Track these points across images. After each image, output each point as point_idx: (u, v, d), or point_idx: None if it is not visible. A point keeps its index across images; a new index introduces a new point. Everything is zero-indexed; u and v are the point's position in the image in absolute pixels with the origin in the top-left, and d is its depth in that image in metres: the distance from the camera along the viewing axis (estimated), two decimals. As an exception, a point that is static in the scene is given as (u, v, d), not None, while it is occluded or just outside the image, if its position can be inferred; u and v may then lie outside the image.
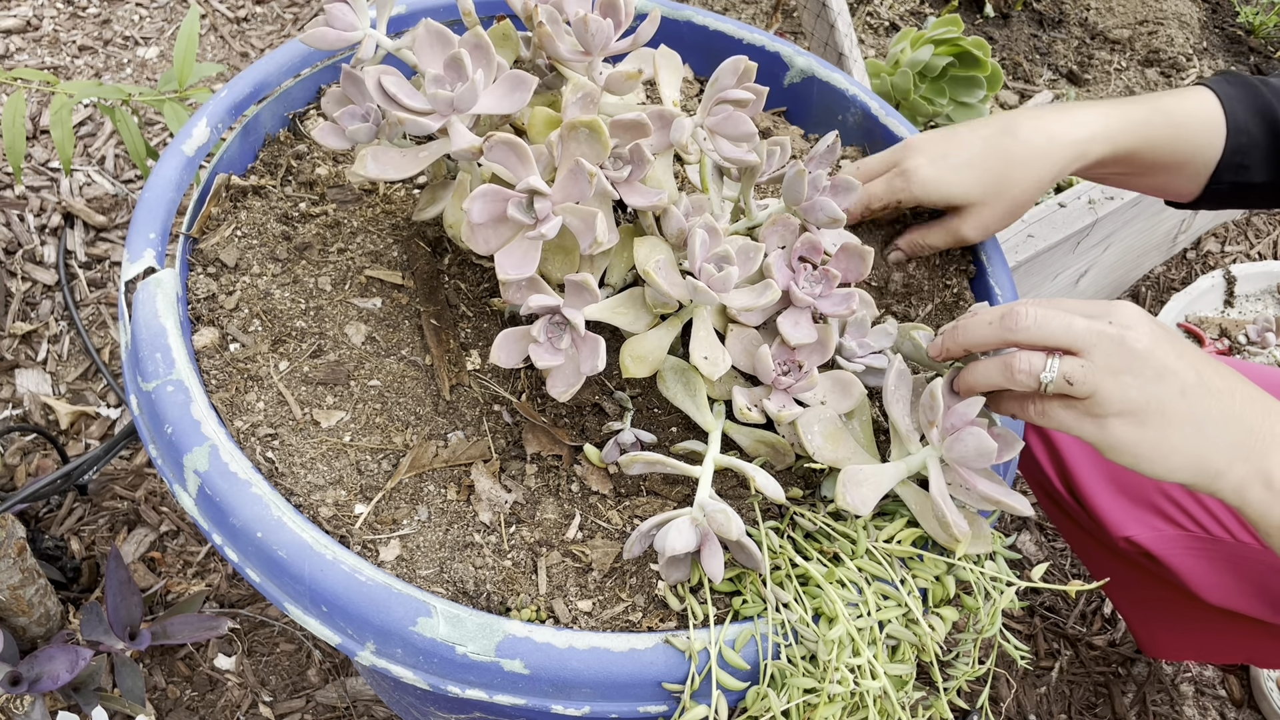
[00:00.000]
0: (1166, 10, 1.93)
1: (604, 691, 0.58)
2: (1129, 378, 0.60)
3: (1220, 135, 0.82)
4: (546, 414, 0.71)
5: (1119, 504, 0.94)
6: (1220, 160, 0.82)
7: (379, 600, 0.56)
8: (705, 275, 0.64)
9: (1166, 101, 0.83)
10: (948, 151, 0.79)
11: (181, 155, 0.74)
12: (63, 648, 0.99)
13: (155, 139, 1.65)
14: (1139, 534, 0.93)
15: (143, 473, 1.29)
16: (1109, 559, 1.02)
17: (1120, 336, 0.60)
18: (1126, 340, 0.60)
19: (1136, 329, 0.61)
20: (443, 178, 0.75)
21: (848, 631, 0.60)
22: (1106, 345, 0.60)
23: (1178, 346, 0.62)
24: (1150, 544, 0.92)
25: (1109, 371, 0.60)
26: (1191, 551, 0.92)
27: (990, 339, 0.63)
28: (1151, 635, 1.09)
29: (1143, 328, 0.61)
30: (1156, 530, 0.93)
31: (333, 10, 0.67)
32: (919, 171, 0.78)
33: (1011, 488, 0.67)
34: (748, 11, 1.85)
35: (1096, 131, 0.80)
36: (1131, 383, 0.60)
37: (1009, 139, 0.78)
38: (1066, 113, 0.81)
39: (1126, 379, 0.60)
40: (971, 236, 0.81)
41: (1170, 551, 0.92)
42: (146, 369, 0.62)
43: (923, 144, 0.80)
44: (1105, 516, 0.94)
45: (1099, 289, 1.71)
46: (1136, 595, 1.06)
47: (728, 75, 0.66)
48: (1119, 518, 0.94)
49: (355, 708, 1.16)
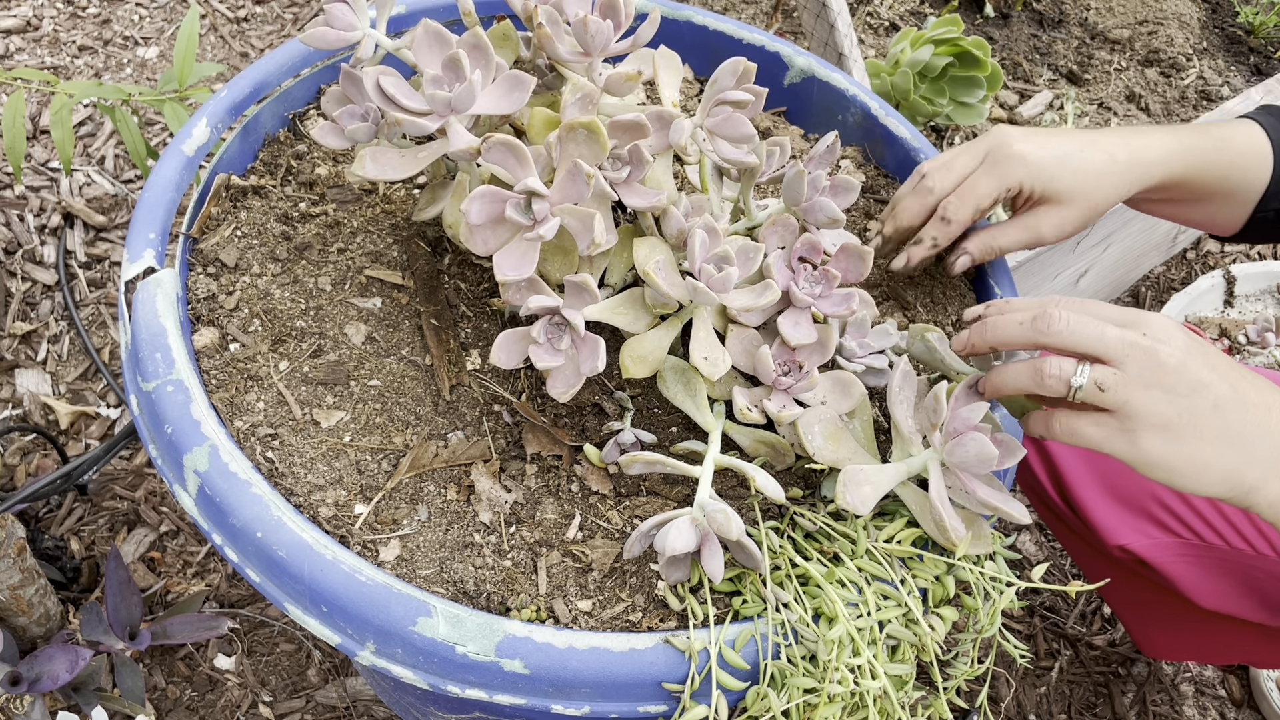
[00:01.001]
0: (1166, 10, 1.93)
1: (604, 691, 0.58)
2: (1160, 391, 0.59)
3: (1268, 164, 0.82)
4: (546, 414, 0.71)
5: (1113, 512, 0.94)
6: (1268, 188, 0.83)
7: (379, 600, 0.56)
8: (705, 276, 0.64)
9: (1218, 130, 0.83)
10: (1044, 143, 0.78)
11: (181, 155, 0.74)
12: (63, 648, 0.99)
13: (155, 139, 1.65)
14: (1133, 542, 0.93)
15: (143, 473, 1.29)
16: (1105, 565, 1.02)
17: (1153, 349, 0.59)
18: (1160, 354, 0.59)
19: (1170, 343, 0.60)
20: (442, 178, 0.75)
21: (848, 631, 0.60)
22: (1139, 357, 0.59)
23: (1211, 359, 0.61)
24: (1144, 552, 0.93)
25: (1141, 384, 0.59)
26: (1186, 558, 0.92)
27: (1020, 339, 0.63)
28: (1149, 638, 1.09)
29: (1176, 341, 0.60)
30: (1151, 538, 0.93)
31: (332, 10, 0.67)
32: (1029, 155, 0.76)
33: (1011, 492, 0.67)
34: (748, 11, 1.85)
35: (1165, 154, 0.80)
36: (1163, 396, 0.59)
37: (1095, 148, 0.79)
38: (1141, 134, 0.81)
39: (1158, 393, 0.59)
40: (1050, 236, 0.79)
41: (1165, 559, 0.92)
42: (146, 369, 0.63)
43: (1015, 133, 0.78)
44: (1099, 524, 0.94)
45: (1099, 289, 1.71)
46: (1133, 600, 1.06)
47: (727, 76, 0.66)
48: (1113, 525, 0.94)
49: (355, 708, 1.16)
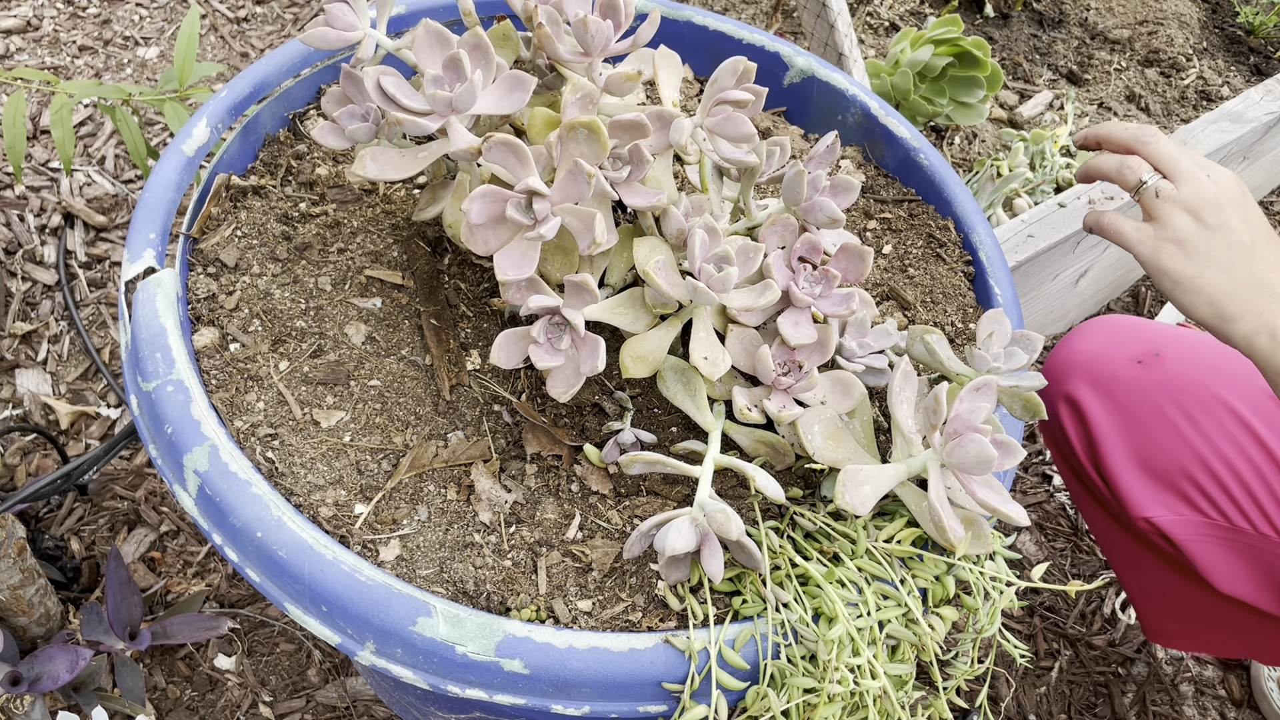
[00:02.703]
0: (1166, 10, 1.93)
1: (604, 691, 0.58)
2: (1193, 217, 0.77)
3: None
4: (546, 414, 0.71)
5: (1143, 484, 0.94)
6: None
7: (379, 600, 0.56)
8: (705, 275, 0.64)
9: None
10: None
11: (181, 155, 0.74)
12: (63, 648, 0.99)
13: (155, 139, 1.65)
14: (1159, 516, 0.93)
15: (143, 473, 1.29)
16: (1125, 540, 1.03)
17: (1206, 184, 0.77)
18: (1208, 190, 0.77)
19: (1221, 187, 0.77)
20: (442, 178, 0.75)
21: (847, 631, 0.60)
22: (1194, 186, 0.77)
23: (1247, 212, 0.77)
24: (1169, 527, 0.93)
25: (1184, 206, 0.77)
26: (1210, 539, 0.92)
27: (1123, 138, 0.82)
28: (1157, 621, 1.09)
29: (1227, 189, 0.77)
30: (1178, 514, 0.93)
31: (333, 10, 0.67)
32: None
33: (1011, 492, 0.67)
34: (748, 11, 1.85)
35: None
36: (1193, 222, 0.77)
37: None
38: None
39: (1191, 218, 0.77)
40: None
41: (1189, 536, 0.93)
42: (146, 369, 0.63)
43: None
44: (1128, 496, 0.94)
45: (1099, 289, 1.71)
46: (1147, 579, 1.06)
47: (727, 76, 0.66)
48: (1141, 498, 0.94)
49: (355, 708, 1.16)
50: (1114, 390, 0.98)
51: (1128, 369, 0.98)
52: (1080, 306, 1.72)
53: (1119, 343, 1.01)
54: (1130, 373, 0.98)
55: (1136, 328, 1.03)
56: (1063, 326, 1.73)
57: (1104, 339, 1.02)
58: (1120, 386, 0.98)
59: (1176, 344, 1.00)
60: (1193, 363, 0.98)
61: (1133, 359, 0.99)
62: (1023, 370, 0.71)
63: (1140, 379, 0.98)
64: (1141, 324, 1.04)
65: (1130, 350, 1.00)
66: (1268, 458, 0.91)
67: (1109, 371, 0.99)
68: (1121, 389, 0.98)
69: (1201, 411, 0.94)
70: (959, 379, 0.70)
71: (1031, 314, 1.57)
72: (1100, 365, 0.99)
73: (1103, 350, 1.00)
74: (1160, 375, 0.97)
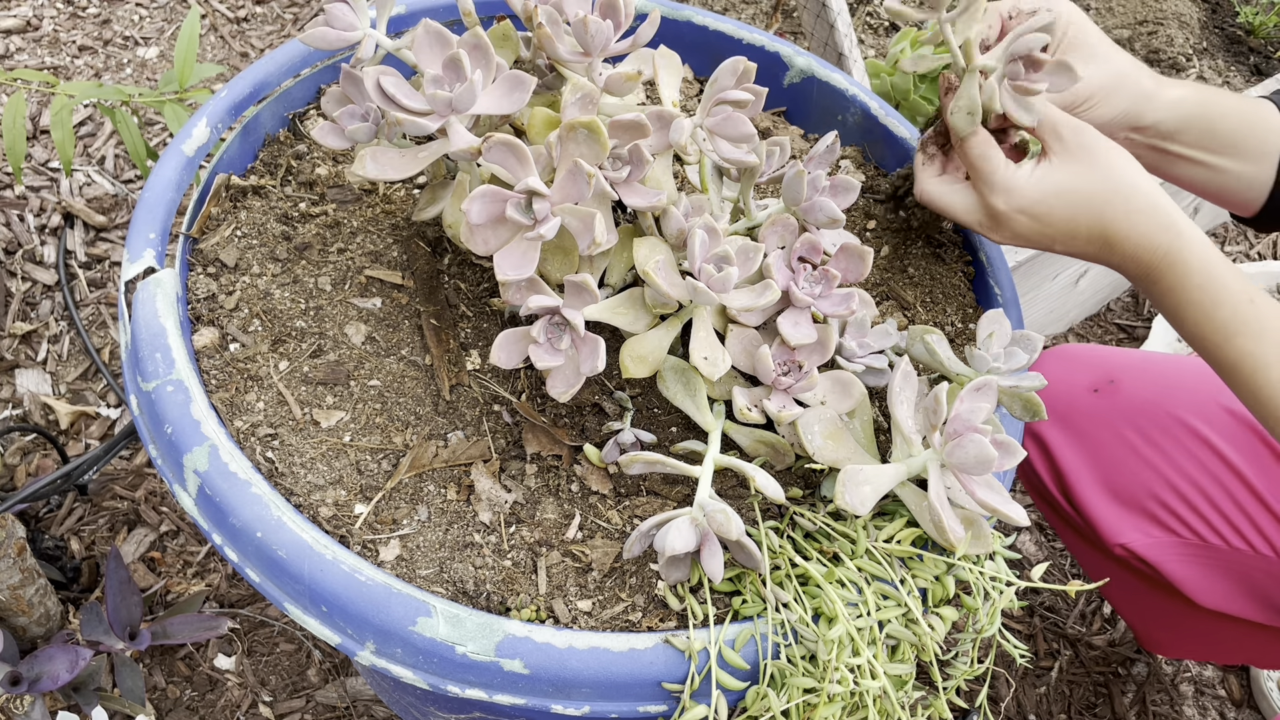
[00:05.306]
0: (1166, 10, 1.93)
1: (604, 691, 0.58)
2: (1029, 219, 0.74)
3: None
4: (546, 414, 0.71)
5: (1114, 511, 0.94)
6: None
7: (379, 600, 0.56)
8: (705, 275, 0.64)
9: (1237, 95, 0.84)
10: None
11: (181, 155, 0.74)
12: (63, 648, 0.99)
13: (155, 139, 1.65)
14: (1134, 540, 0.93)
15: (143, 473, 1.29)
16: (1106, 564, 1.03)
17: None
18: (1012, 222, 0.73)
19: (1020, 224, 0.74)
20: (442, 178, 0.75)
21: (847, 631, 0.60)
22: None
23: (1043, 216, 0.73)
24: (1145, 551, 0.93)
25: None
26: (1186, 558, 0.93)
27: None
28: (1150, 635, 1.09)
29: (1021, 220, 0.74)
30: (1151, 537, 0.93)
31: (333, 10, 0.67)
32: None
33: (1011, 492, 0.67)
34: (748, 11, 1.85)
35: (1185, 89, 0.79)
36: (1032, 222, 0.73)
37: None
38: None
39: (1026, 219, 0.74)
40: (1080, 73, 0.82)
41: (1165, 558, 0.93)
42: (146, 369, 0.63)
43: None
44: (1100, 523, 0.95)
45: (1099, 289, 1.71)
46: (1135, 599, 1.06)
47: (727, 76, 0.66)
48: (1115, 525, 0.94)
49: (355, 708, 1.16)
50: (1074, 421, 0.98)
51: (1085, 398, 0.99)
52: (1080, 306, 1.72)
53: (1074, 372, 1.01)
54: (1087, 402, 0.98)
55: (1090, 354, 1.04)
56: (1063, 326, 1.73)
57: (1060, 369, 1.02)
58: (1080, 417, 0.98)
59: (1130, 369, 1.00)
60: (1148, 386, 0.98)
61: (1089, 387, 0.99)
62: (1023, 370, 0.71)
63: (1098, 407, 0.98)
64: (1095, 351, 1.05)
65: (1085, 378, 1.00)
66: (1231, 472, 0.92)
67: (1066, 402, 0.99)
68: (1081, 419, 0.98)
69: (1161, 434, 0.94)
70: (959, 379, 0.70)
71: (1031, 314, 1.57)
72: (1058, 397, 1.00)
73: (1059, 381, 1.00)
74: (1117, 402, 0.97)
